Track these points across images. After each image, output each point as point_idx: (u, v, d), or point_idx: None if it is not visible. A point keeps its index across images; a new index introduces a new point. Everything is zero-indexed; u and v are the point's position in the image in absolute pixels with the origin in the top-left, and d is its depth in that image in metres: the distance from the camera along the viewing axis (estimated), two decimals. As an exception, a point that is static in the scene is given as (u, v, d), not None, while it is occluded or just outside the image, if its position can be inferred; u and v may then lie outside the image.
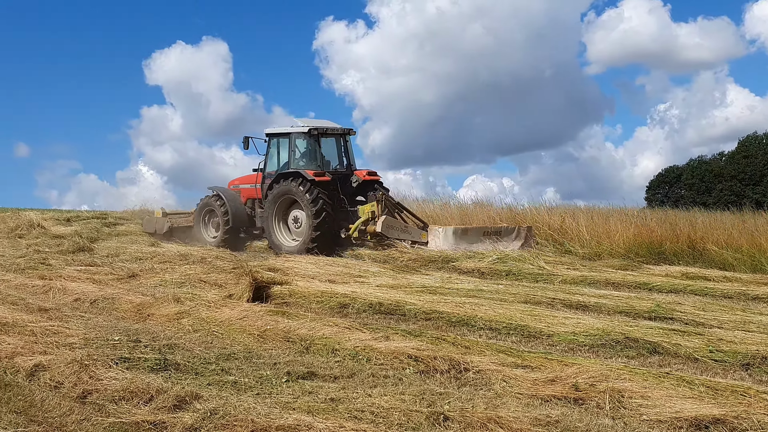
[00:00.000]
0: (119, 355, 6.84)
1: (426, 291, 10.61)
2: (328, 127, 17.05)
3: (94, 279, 11.94)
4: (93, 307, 9.97)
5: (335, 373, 6.68)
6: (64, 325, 8.23)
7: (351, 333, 7.95)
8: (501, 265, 13.00)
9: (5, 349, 7.10)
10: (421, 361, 6.94)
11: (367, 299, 9.96)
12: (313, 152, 16.69)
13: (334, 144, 17.45)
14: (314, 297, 10.32)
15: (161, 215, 19.46)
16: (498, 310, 9.17)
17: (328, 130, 16.98)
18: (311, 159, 16.63)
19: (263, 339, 8.00)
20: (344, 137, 17.44)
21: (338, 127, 17.37)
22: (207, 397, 5.72)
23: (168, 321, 8.97)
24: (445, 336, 7.89)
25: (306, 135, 16.60)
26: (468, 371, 6.67)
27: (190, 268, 13.00)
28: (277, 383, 6.31)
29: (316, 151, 16.66)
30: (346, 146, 17.45)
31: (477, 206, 19.61)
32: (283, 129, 17.19)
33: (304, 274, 12.32)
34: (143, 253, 14.93)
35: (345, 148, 17.44)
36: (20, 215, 20.87)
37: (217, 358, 7.16)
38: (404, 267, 13.55)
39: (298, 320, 8.61)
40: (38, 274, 12.43)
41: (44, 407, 5.74)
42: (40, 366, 6.57)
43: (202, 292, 10.76)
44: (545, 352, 7.45)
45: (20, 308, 9.35)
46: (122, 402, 5.73)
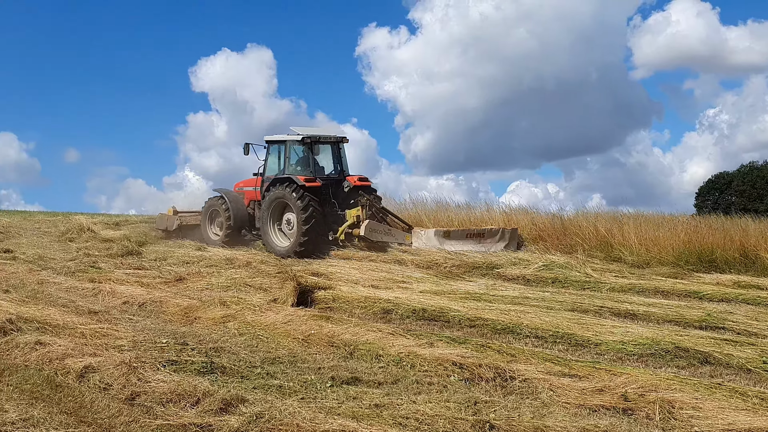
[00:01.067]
0: (167, 358, 6.94)
1: (470, 298, 10.54)
2: (321, 135, 17.64)
3: (142, 282, 12.10)
4: (141, 310, 10.10)
5: (379, 378, 6.67)
6: (113, 328, 8.36)
7: (395, 339, 7.94)
8: (547, 272, 12.84)
9: (56, 350, 7.23)
10: (466, 368, 6.90)
11: (410, 305, 9.93)
12: (307, 159, 17.32)
13: (329, 151, 18.02)
14: (357, 302, 10.33)
15: (172, 213, 19.97)
16: (544, 318, 9.07)
17: (322, 138, 17.58)
18: (304, 165, 17.25)
19: (307, 343, 8.03)
20: (338, 145, 17.99)
21: (332, 135, 17.96)
22: (252, 400, 5.75)
23: (214, 324, 9.05)
24: (490, 343, 7.83)
25: (300, 143, 17.23)
26: (514, 379, 6.61)
27: (236, 272, 13.08)
28: (321, 388, 6.33)
29: (309, 158, 17.27)
30: (340, 153, 18.00)
31: (521, 212, 19.40)
32: (279, 137, 17.85)
33: (347, 279, 12.33)
34: (190, 257, 15.08)
35: (338, 155, 18.00)
36: (71, 219, 21.26)
37: (263, 361, 7.22)
38: (448, 273, 13.48)
39: (341, 325, 8.62)
40: (88, 277, 12.63)
41: (93, 408, 5.83)
42: (90, 368, 6.68)
43: (248, 296, 10.82)
44: (593, 361, 7.36)
45: (71, 311, 9.51)
46: (170, 404, 5.80)
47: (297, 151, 17.47)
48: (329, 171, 17.88)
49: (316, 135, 17.44)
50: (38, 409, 5.70)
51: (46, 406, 5.80)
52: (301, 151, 17.41)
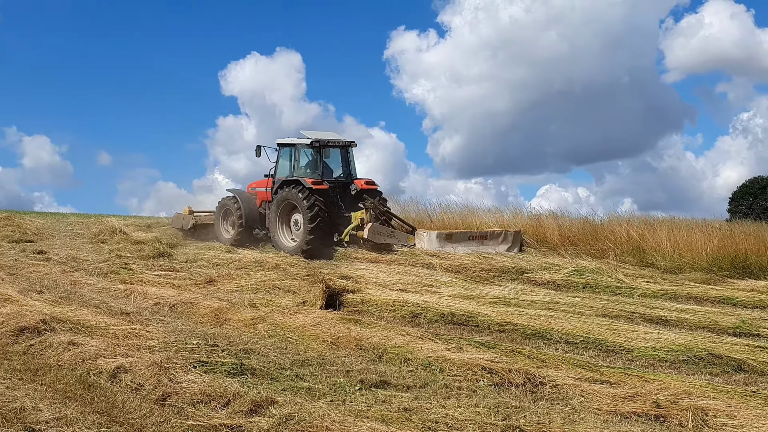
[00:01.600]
0: (197, 359, 6.99)
1: (499, 302, 10.49)
2: (329, 139, 18.21)
3: (173, 284, 12.21)
4: (172, 311, 10.19)
5: (408, 382, 6.66)
6: (144, 329, 8.43)
7: (423, 343, 7.92)
8: (578, 277, 12.74)
9: (89, 351, 7.31)
10: (496, 373, 6.86)
11: (439, 309, 9.91)
12: (315, 162, 17.91)
13: (338, 155, 18.55)
14: (386, 306, 10.33)
15: (188, 213, 20.63)
16: (575, 324, 9.00)
17: (330, 142, 18.15)
18: (313, 168, 17.86)
19: (336, 346, 8.04)
20: (346, 149, 18.54)
21: (340, 139, 18.55)
22: (282, 402, 5.77)
23: (244, 326, 9.09)
24: (520, 348, 7.79)
25: (309, 146, 17.85)
26: (544, 385, 6.56)
27: (265, 274, 13.15)
28: (350, 391, 6.33)
29: (317, 161, 17.85)
30: (347, 157, 18.51)
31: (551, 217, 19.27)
32: (290, 140, 18.40)
33: (375, 283, 12.33)
34: (220, 259, 15.18)
35: (347, 159, 18.51)
36: (103, 221, 21.50)
37: (292, 364, 7.24)
38: (476, 277, 13.44)
39: (370, 328, 8.62)
40: (120, 278, 12.78)
41: (125, 408, 5.88)
42: (122, 368, 6.74)
43: (277, 298, 10.88)
44: (625, 367, 7.29)
45: (103, 311, 9.62)
46: (200, 405, 5.84)
47: (306, 154, 18.11)
48: (338, 174, 18.39)
49: (324, 139, 18.01)
50: (71, 409, 5.76)
51: (78, 406, 5.87)
52: (310, 154, 18.04)
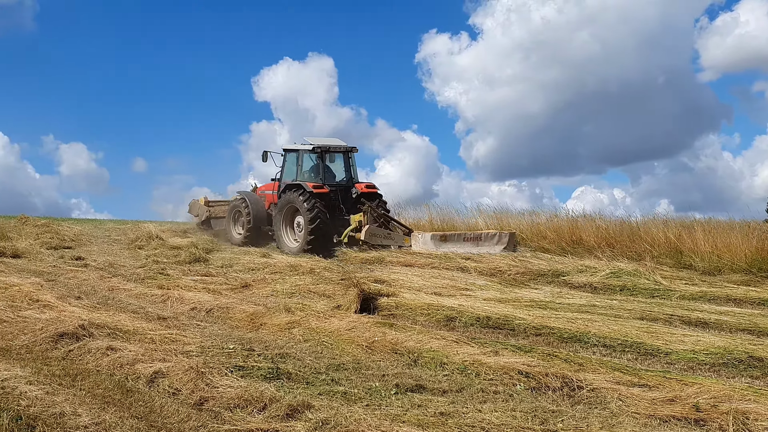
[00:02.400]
0: (234, 364, 7.03)
1: (535, 305, 10.40)
2: (331, 145, 19.19)
3: (209, 289, 12.30)
4: (208, 316, 10.27)
5: (444, 386, 6.63)
6: (181, 334, 8.50)
7: (459, 347, 7.88)
8: (615, 279, 12.59)
9: (127, 356, 7.39)
10: (532, 377, 6.80)
11: (474, 313, 9.85)
12: (317, 167, 18.89)
13: (341, 160, 19.49)
14: (421, 309, 10.29)
15: (203, 203, 21.97)
16: (612, 327, 8.89)
17: (332, 148, 19.16)
18: (315, 173, 18.83)
19: (371, 350, 8.03)
20: (348, 154, 19.51)
21: (342, 145, 19.46)
22: (318, 407, 5.77)
23: (279, 330, 9.13)
24: (556, 352, 7.71)
25: (311, 152, 18.86)
26: (582, 389, 6.49)
27: (300, 278, 13.22)
28: (386, 395, 6.31)
29: (319, 166, 18.84)
30: (349, 162, 19.44)
31: (587, 219, 19.09)
32: (295, 146, 19.41)
33: (410, 287, 12.30)
34: (255, 264, 15.29)
35: (348, 164, 19.45)
36: (140, 227, 21.77)
37: (327, 368, 7.25)
38: (512, 281, 13.35)
39: (405, 332, 8.60)
40: (157, 283, 12.91)
41: (163, 413, 5.93)
42: (160, 373, 6.80)
43: (312, 302, 10.91)
44: (663, 370, 7.18)
45: (140, 317, 9.73)
46: (237, 409, 5.86)
47: (309, 159, 19.09)
48: (340, 179, 19.36)
49: (326, 145, 19.04)
50: (110, 414, 5.82)
51: (117, 411, 5.92)
52: (313, 159, 19.03)
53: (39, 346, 8.04)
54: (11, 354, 7.75)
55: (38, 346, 8.04)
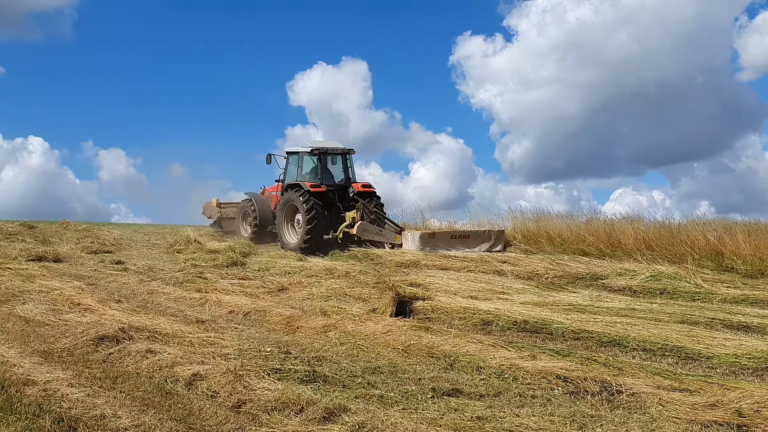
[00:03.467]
0: (271, 366, 7.06)
1: (574, 309, 10.29)
2: (329, 147, 20.21)
3: (246, 292, 12.40)
4: (246, 319, 10.34)
5: (481, 391, 6.59)
6: (219, 336, 8.58)
7: (496, 351, 7.83)
8: (654, 283, 12.41)
9: (166, 358, 7.47)
10: (571, 381, 6.74)
11: (511, 317, 9.78)
12: (316, 168, 19.96)
13: (340, 161, 20.50)
14: (457, 313, 10.24)
15: (215, 205, 23.22)
16: (652, 330, 8.77)
17: (330, 150, 20.17)
18: (314, 174, 19.89)
19: (407, 354, 8.02)
20: (346, 156, 20.51)
21: (340, 147, 20.47)
22: (355, 410, 5.78)
23: (316, 333, 9.16)
24: (595, 356, 7.62)
25: (310, 154, 19.92)
26: (621, 393, 6.41)
27: (336, 282, 13.25)
28: (422, 399, 6.29)
29: (318, 167, 19.90)
30: (346, 163, 20.44)
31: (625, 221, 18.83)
32: (296, 148, 20.47)
33: (446, 290, 12.26)
34: (291, 268, 15.35)
35: (346, 166, 20.45)
36: (178, 231, 22.00)
37: (363, 371, 7.25)
38: (549, 284, 13.23)
39: (441, 336, 8.57)
40: (195, 287, 13.04)
41: (202, 415, 5.98)
42: (198, 375, 6.87)
43: (347, 305, 10.93)
44: (704, 375, 7.06)
45: (179, 320, 9.83)
46: (274, 412, 5.89)
47: (309, 161, 20.14)
48: (339, 179, 20.35)
49: (324, 147, 20.08)
50: (149, 416, 5.89)
51: (156, 413, 5.99)
52: (312, 161, 20.07)
53: (80, 348, 8.18)
54: (53, 356, 7.91)
55: (79, 348, 8.18)
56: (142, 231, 24.47)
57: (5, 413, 5.82)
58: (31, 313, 10.23)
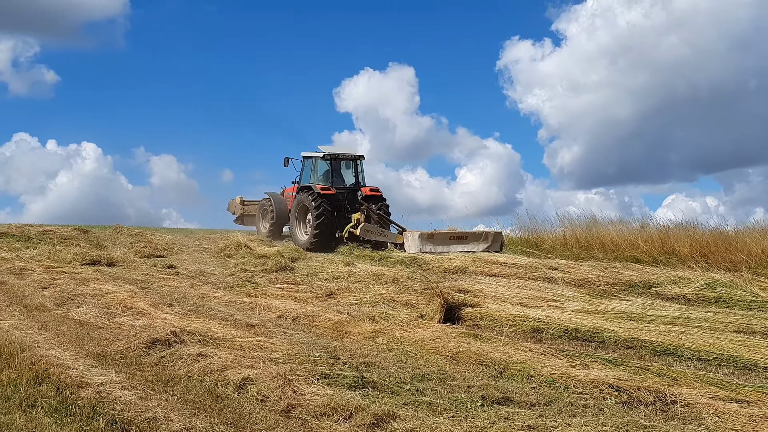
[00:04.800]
0: (320, 371, 7.08)
1: (626, 317, 10.09)
2: (339, 153, 21.95)
3: (295, 297, 12.46)
4: (294, 324, 10.39)
5: (531, 399, 6.51)
6: (269, 341, 8.63)
7: (546, 359, 7.73)
8: (709, 291, 12.12)
9: (217, 362, 7.55)
10: (624, 391, 6.61)
11: (562, 324, 9.64)
12: (327, 172, 21.74)
13: (351, 166, 22.21)
14: (506, 320, 10.13)
15: (239, 202, 25.14)
16: (707, 340, 8.56)
17: (340, 155, 21.92)
18: (325, 177, 21.64)
19: (456, 361, 7.96)
20: (356, 161, 22.19)
21: (350, 153, 22.24)
22: (404, 417, 5.75)
23: (364, 339, 9.16)
24: (649, 366, 7.46)
25: (322, 158, 21.70)
26: (675, 404, 6.27)
27: (383, 287, 13.25)
28: (472, 407, 6.24)
29: (329, 171, 21.71)
30: (357, 168, 22.13)
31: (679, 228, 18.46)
32: (310, 153, 22.18)
33: (494, 297, 12.15)
34: (339, 273, 15.40)
35: (356, 170, 22.14)
36: (229, 236, 22.27)
37: (412, 378, 7.22)
38: (601, 291, 13.02)
39: (490, 344, 8.49)
40: (245, 291, 13.16)
41: (252, 420, 6.01)
42: (248, 379, 6.92)
43: (395, 311, 10.91)
44: (762, 385, 6.85)
45: (229, 324, 9.92)
46: (323, 417, 5.90)
47: (322, 165, 21.87)
48: (350, 183, 21.99)
49: (335, 153, 21.82)
50: (200, 419, 5.95)
51: (207, 417, 6.04)
52: (324, 165, 21.82)
53: (133, 351, 8.30)
54: (107, 359, 8.04)
55: (132, 351, 8.30)
56: (193, 236, 24.80)
57: (60, 414, 5.93)
58: (85, 316, 10.42)
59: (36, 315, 10.70)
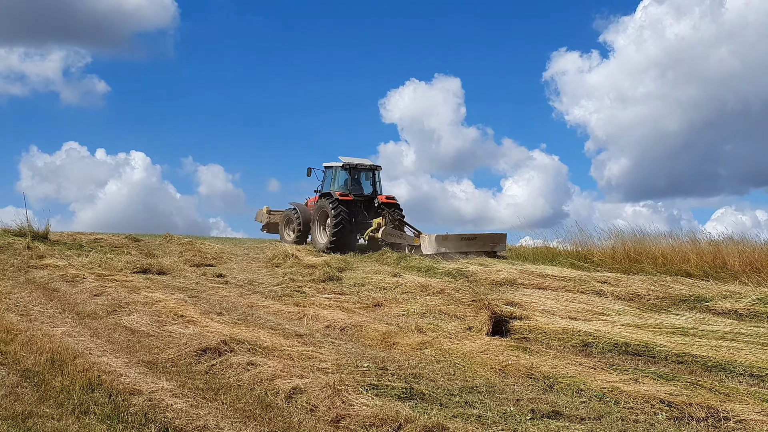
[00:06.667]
0: (368, 382, 7.12)
1: (677, 332, 9.95)
2: (358, 163, 23.44)
3: (342, 307, 12.52)
4: (342, 334, 10.45)
5: (581, 414, 6.47)
6: (317, 351, 8.69)
7: (596, 373, 7.67)
8: (762, 306, 11.87)
9: (266, 371, 7.63)
10: (675, 406, 6.54)
11: (612, 338, 9.54)
12: (347, 181, 23.18)
13: (370, 176, 23.71)
14: (555, 333, 10.06)
15: (266, 211, 26.31)
16: (760, 356, 8.41)
17: (358, 165, 23.42)
18: (344, 185, 23.10)
19: (505, 374, 7.94)
20: (374, 171, 23.76)
21: (368, 163, 23.77)
22: (453, 429, 5.77)
23: (412, 350, 9.17)
24: (700, 381, 7.36)
25: (342, 168, 23.22)
26: (728, 420, 6.19)
27: (431, 299, 13.25)
28: (521, 420, 6.23)
29: (348, 180, 23.16)
30: (375, 178, 23.68)
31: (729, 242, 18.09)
32: (331, 163, 23.78)
33: (543, 310, 12.07)
34: (386, 284, 15.43)
35: (374, 179, 23.66)
36: (277, 246, 22.45)
37: (461, 390, 7.22)
38: (651, 305, 12.84)
39: (539, 357, 8.45)
40: (293, 301, 13.26)
41: (301, 429, 6.08)
42: (297, 389, 6.98)
43: (443, 323, 10.91)
44: (817, 403, 6.70)
45: (278, 333, 10.02)
46: (372, 428, 5.93)
47: (341, 174, 23.34)
48: (368, 191, 23.50)
49: (354, 163, 23.30)
50: (250, 428, 6.03)
51: (257, 425, 6.13)
52: (344, 174, 23.27)
53: (183, 360, 8.43)
54: (158, 367, 8.17)
55: (183, 360, 8.43)
56: (241, 245, 25.04)
57: (113, 421, 6.05)
58: (136, 324, 10.59)
59: (88, 322, 10.88)
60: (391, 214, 22.13)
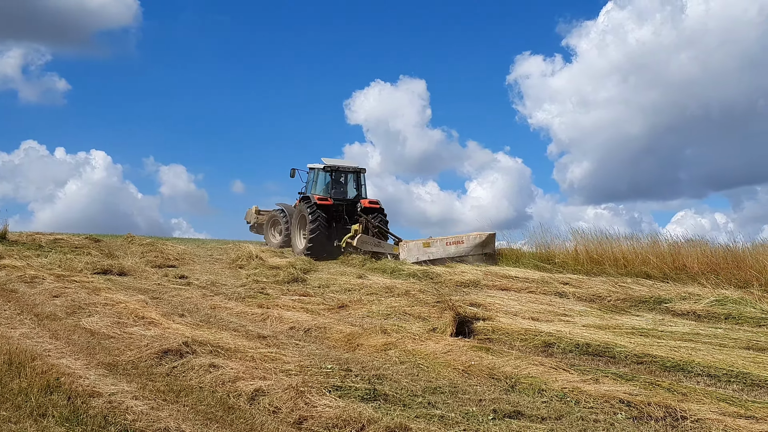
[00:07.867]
0: (332, 383, 7.12)
1: (637, 333, 10.12)
2: (340, 165, 22.60)
3: (307, 308, 12.50)
4: (306, 336, 10.43)
5: (543, 413, 6.53)
6: (281, 352, 8.67)
7: (558, 373, 7.76)
8: (719, 307, 12.10)
9: (228, 373, 7.58)
10: (634, 406, 6.63)
11: (573, 339, 9.66)
12: (328, 183, 22.32)
13: (353, 178, 22.74)
14: (518, 334, 10.15)
15: (255, 211, 25.80)
16: (717, 356, 8.57)
17: (341, 167, 22.53)
18: (325, 188, 22.24)
19: (468, 374, 7.99)
20: (357, 174, 22.79)
21: (351, 165, 22.84)
22: (416, 429, 5.79)
23: (376, 351, 9.19)
24: (659, 381, 7.49)
25: (323, 170, 22.37)
26: (685, 419, 6.30)
27: (395, 300, 13.29)
28: (483, 420, 6.27)
29: (329, 183, 22.30)
30: (358, 180, 22.74)
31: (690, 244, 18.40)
32: (314, 165, 22.89)
33: (506, 311, 12.18)
34: (351, 285, 15.44)
35: (358, 183, 22.72)
36: (240, 247, 22.37)
37: (424, 391, 7.25)
38: (612, 307, 13.01)
39: (502, 357, 8.52)
40: (257, 302, 13.21)
41: (264, 431, 6.05)
42: (260, 391, 6.95)
43: (407, 324, 10.95)
44: (772, 402, 6.86)
45: (241, 335, 9.97)
46: (335, 429, 5.93)
47: (322, 177, 22.49)
48: (352, 195, 22.56)
49: (335, 165, 22.47)
50: (212, 430, 6.00)
51: (219, 428, 6.09)
52: (326, 176, 22.41)
53: (144, 361, 8.34)
54: (118, 369, 8.07)
55: (144, 361, 8.34)
56: (204, 246, 24.87)
57: (72, 424, 5.96)
58: (96, 325, 10.45)
59: (47, 324, 10.73)
60: (369, 221, 21.14)
